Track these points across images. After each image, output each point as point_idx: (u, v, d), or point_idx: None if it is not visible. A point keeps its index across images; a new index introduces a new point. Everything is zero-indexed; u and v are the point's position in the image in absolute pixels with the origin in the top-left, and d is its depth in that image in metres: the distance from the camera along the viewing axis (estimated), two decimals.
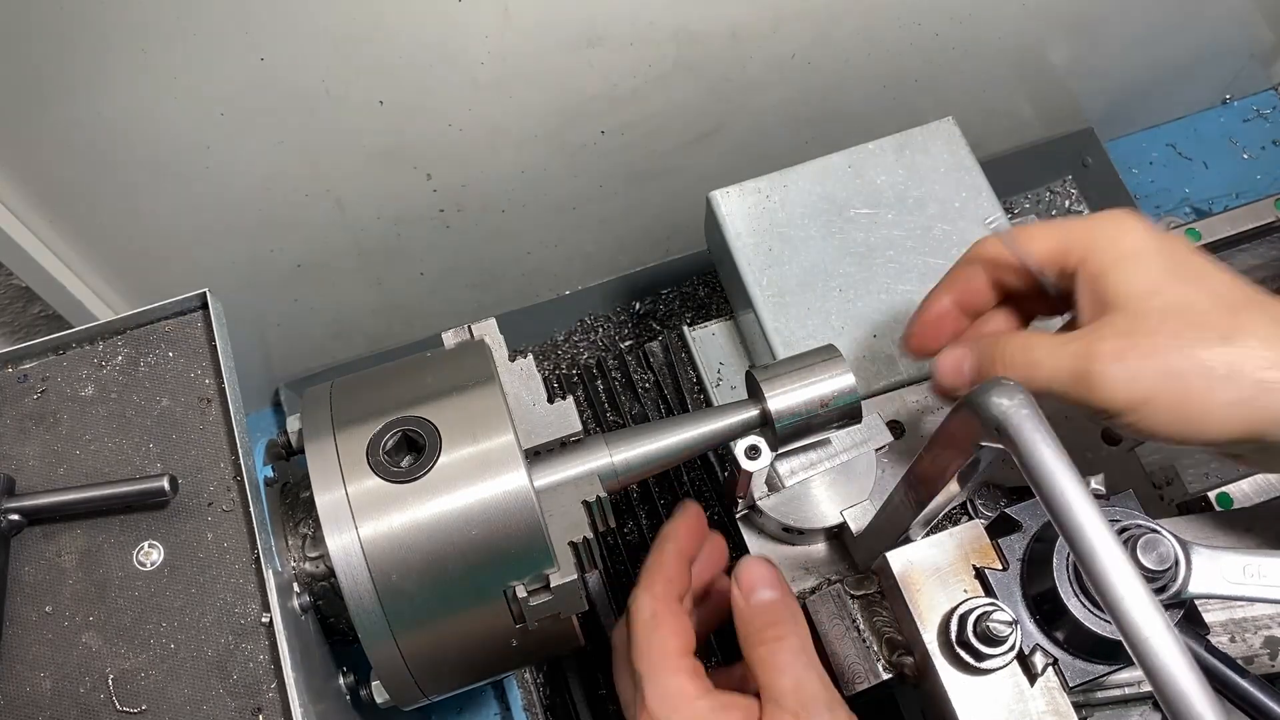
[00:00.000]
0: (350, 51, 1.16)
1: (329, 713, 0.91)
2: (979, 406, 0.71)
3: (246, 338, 1.39)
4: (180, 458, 0.93)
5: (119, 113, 1.13)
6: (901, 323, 1.17)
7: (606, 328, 1.71)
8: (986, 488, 1.05)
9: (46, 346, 0.98)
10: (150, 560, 0.89)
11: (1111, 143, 1.78)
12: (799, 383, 0.95)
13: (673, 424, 0.98)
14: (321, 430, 0.92)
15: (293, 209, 1.33)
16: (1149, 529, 0.82)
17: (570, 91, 1.31)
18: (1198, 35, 1.65)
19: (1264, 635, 0.95)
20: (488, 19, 1.17)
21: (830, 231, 1.22)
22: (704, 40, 1.30)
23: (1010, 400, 0.70)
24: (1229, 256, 1.51)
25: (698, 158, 1.49)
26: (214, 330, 0.98)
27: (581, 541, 0.91)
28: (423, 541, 0.87)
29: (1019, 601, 0.88)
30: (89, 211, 1.24)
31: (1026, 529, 0.91)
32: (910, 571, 0.91)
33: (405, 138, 1.29)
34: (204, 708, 0.85)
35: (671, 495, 1.41)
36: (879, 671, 0.94)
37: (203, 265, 1.36)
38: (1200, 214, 1.72)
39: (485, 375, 0.94)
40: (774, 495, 1.04)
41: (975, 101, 1.59)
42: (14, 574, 0.89)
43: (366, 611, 0.87)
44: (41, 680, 0.85)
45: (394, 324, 1.62)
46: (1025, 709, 0.85)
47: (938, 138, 1.27)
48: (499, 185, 1.42)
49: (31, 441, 0.94)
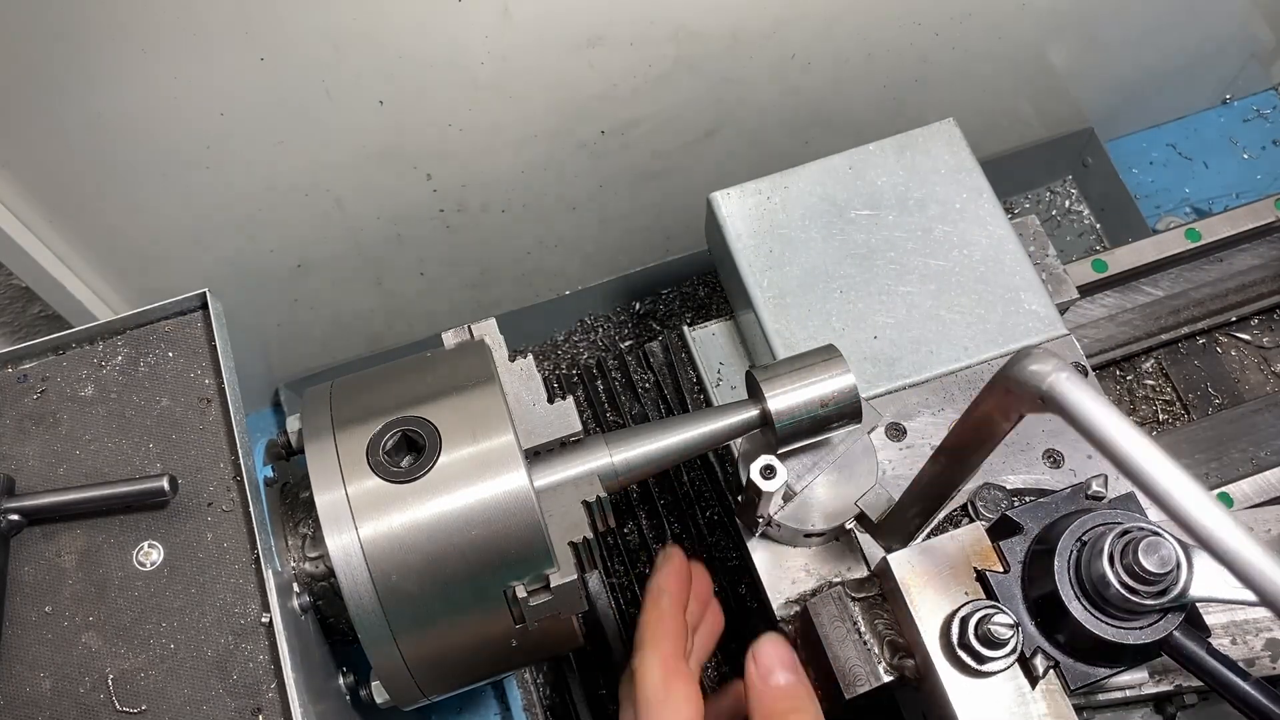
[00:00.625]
0: (350, 51, 1.15)
1: (329, 713, 0.91)
2: (1020, 382, 0.72)
3: (246, 338, 1.39)
4: (180, 458, 0.93)
5: (119, 113, 1.13)
6: (902, 323, 1.17)
7: (606, 328, 1.71)
8: (987, 489, 1.05)
9: (46, 346, 0.98)
10: (150, 560, 0.89)
11: (1111, 143, 1.78)
12: (799, 383, 0.95)
13: (673, 424, 0.98)
14: (321, 430, 0.92)
15: (293, 209, 1.33)
16: (1151, 531, 0.82)
17: (570, 91, 1.31)
18: (1198, 35, 1.65)
19: (1265, 638, 0.95)
20: (488, 19, 1.17)
21: (831, 233, 1.22)
22: (704, 40, 1.30)
23: (1048, 366, 0.71)
24: (1229, 256, 1.51)
25: (698, 158, 1.49)
26: (214, 330, 0.98)
27: (581, 541, 0.91)
28: (423, 542, 0.87)
29: (1020, 604, 0.88)
30: (89, 211, 1.24)
31: (1028, 532, 0.90)
32: (911, 574, 0.91)
33: (405, 138, 1.29)
34: (204, 708, 0.85)
35: (671, 495, 1.41)
36: (880, 674, 0.94)
37: (203, 265, 1.36)
38: (1200, 214, 1.72)
39: (485, 375, 0.94)
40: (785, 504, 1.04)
41: (976, 102, 1.59)
42: (14, 574, 0.89)
43: (366, 612, 0.87)
44: (41, 680, 0.85)
45: (394, 324, 1.62)
46: (1026, 712, 0.85)
47: (938, 139, 1.26)
48: (499, 185, 1.42)
49: (31, 441, 0.94)
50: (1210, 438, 1.40)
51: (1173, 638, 0.83)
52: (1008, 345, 1.15)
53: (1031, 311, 1.16)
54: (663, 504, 1.41)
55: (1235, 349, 1.57)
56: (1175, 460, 0.66)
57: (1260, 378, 1.55)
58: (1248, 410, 1.42)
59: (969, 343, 1.15)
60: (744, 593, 1.34)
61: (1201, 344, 1.56)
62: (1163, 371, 1.56)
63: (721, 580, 1.35)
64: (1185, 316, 1.52)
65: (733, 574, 1.36)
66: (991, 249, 1.20)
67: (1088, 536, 0.85)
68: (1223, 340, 1.56)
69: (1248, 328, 1.56)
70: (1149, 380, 1.56)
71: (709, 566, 1.35)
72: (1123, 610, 0.83)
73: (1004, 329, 1.16)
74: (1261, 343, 1.56)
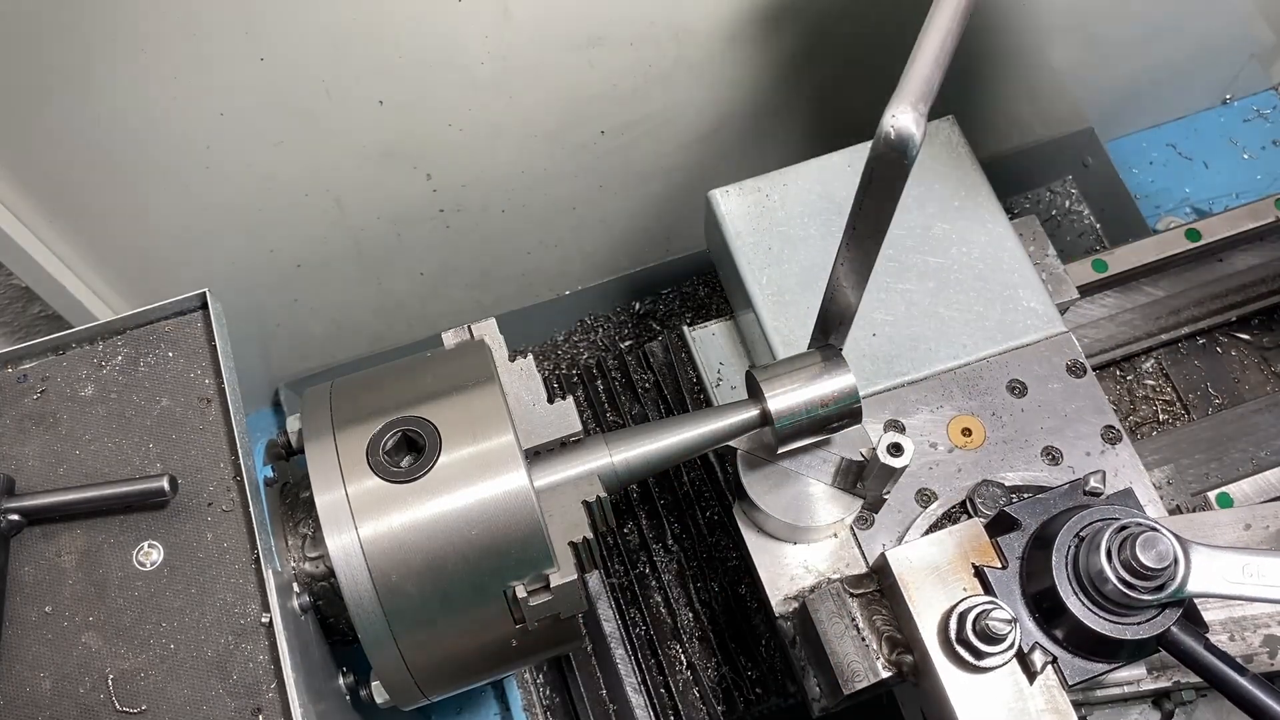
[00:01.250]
0: (350, 51, 1.16)
1: (329, 713, 0.91)
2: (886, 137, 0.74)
3: (246, 338, 1.39)
4: (180, 458, 0.93)
5: (119, 113, 1.13)
6: (901, 321, 1.17)
7: (606, 328, 1.71)
8: (986, 485, 1.05)
9: (46, 346, 0.98)
10: (150, 560, 0.89)
11: (1111, 143, 1.78)
12: (799, 383, 0.95)
13: (673, 424, 0.98)
14: (321, 430, 0.92)
15: (293, 209, 1.33)
16: (1149, 527, 0.82)
17: (570, 91, 1.31)
18: (1198, 35, 1.65)
19: (1263, 634, 0.95)
20: (488, 19, 1.17)
21: (830, 230, 1.22)
22: (704, 40, 1.30)
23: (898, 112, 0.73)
24: (1229, 256, 1.51)
25: (698, 158, 1.49)
26: (214, 330, 0.98)
27: (581, 541, 0.92)
28: (423, 542, 0.87)
29: (1018, 600, 0.88)
30: (89, 211, 1.24)
31: (1025, 527, 0.91)
32: (909, 570, 0.91)
33: (405, 138, 1.29)
34: (204, 708, 0.85)
35: (671, 495, 1.41)
36: (878, 670, 0.94)
37: (203, 265, 1.36)
38: (1200, 214, 1.72)
39: (485, 375, 0.94)
40: (775, 494, 1.04)
41: (975, 101, 1.59)
42: (14, 574, 0.89)
43: (366, 612, 0.87)
44: (41, 680, 0.85)
45: (394, 324, 1.62)
46: (1024, 707, 0.85)
47: (937, 137, 1.27)
48: (499, 185, 1.42)
49: (31, 441, 0.94)
50: (1210, 438, 1.40)
51: (1170, 633, 0.83)
52: (1006, 342, 1.15)
53: (1030, 309, 1.16)
54: (663, 504, 1.41)
55: (1235, 349, 1.57)
56: None
57: (1260, 378, 1.55)
58: (1248, 410, 1.42)
59: (967, 340, 1.16)
60: (744, 593, 1.35)
61: (1201, 344, 1.56)
62: (1163, 371, 1.56)
63: (721, 580, 1.35)
64: (1185, 316, 1.52)
65: (733, 574, 1.36)
66: (990, 246, 1.20)
67: (1085, 532, 0.86)
68: (1223, 340, 1.56)
69: (1248, 328, 1.56)
70: (1149, 380, 1.56)
71: (709, 566, 1.36)
72: (1120, 605, 0.83)
73: (1002, 326, 1.16)
74: (1261, 343, 1.56)
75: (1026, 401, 1.12)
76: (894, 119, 0.74)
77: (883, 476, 0.98)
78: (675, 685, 1.31)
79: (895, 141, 0.74)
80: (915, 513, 1.08)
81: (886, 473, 0.96)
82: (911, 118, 0.74)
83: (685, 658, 1.32)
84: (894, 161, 0.76)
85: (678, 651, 1.33)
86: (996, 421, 1.12)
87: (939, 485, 1.09)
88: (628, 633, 1.32)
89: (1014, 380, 1.13)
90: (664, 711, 1.29)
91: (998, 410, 1.12)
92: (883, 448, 0.95)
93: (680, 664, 1.32)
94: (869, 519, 1.07)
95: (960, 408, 1.13)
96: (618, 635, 1.31)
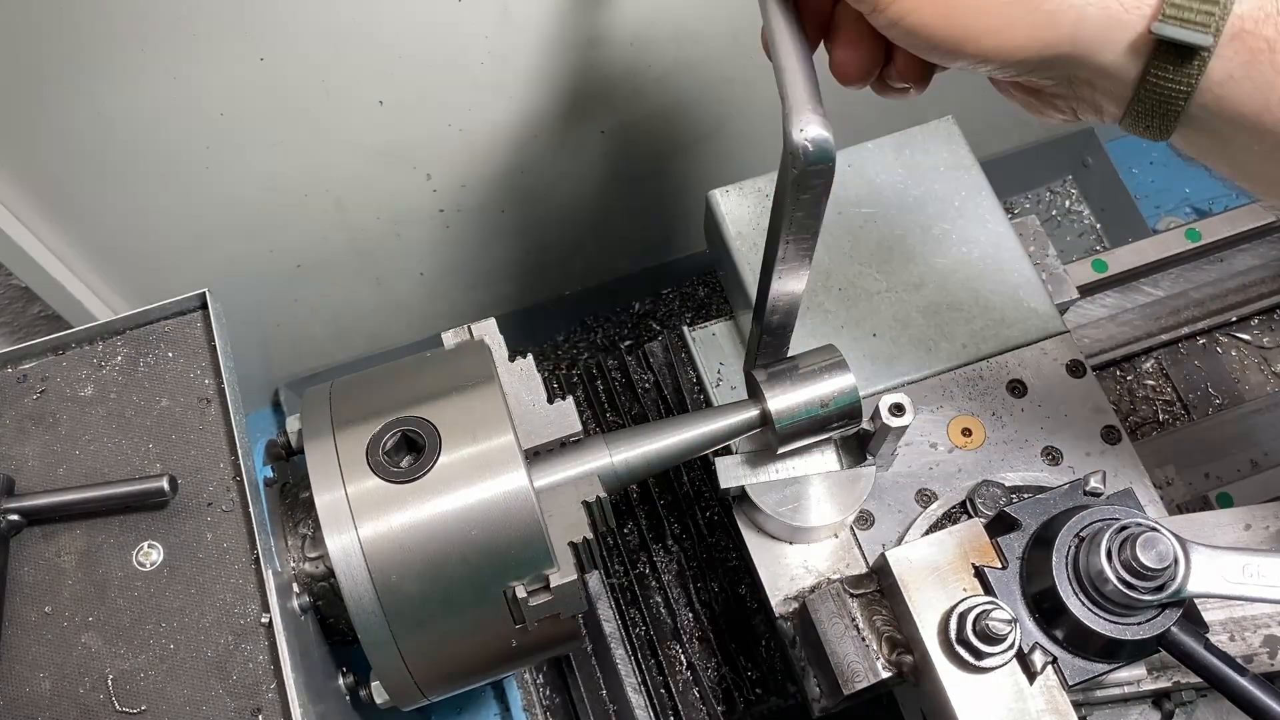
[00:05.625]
0: (350, 51, 1.16)
1: (329, 713, 0.91)
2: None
3: (246, 338, 1.39)
4: (180, 458, 0.93)
5: (119, 113, 1.13)
6: (901, 322, 1.17)
7: (606, 328, 1.71)
8: (985, 486, 1.05)
9: (46, 346, 0.98)
10: (150, 560, 0.89)
11: (1111, 143, 1.78)
12: (799, 383, 0.95)
13: (673, 424, 0.98)
14: (321, 430, 0.92)
15: (293, 209, 1.33)
16: (1148, 527, 0.82)
17: (570, 91, 1.31)
18: None
19: (1263, 634, 0.95)
20: (488, 19, 1.17)
21: (830, 230, 1.22)
22: (704, 40, 1.30)
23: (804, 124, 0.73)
24: (1229, 256, 1.51)
25: (698, 158, 1.49)
26: (213, 330, 0.98)
27: (581, 542, 0.91)
28: (422, 542, 0.87)
29: (1018, 600, 0.88)
30: (89, 211, 1.24)
31: (1026, 528, 0.91)
32: (909, 570, 0.91)
33: (405, 138, 1.29)
34: (204, 708, 0.85)
35: (671, 495, 1.41)
36: (878, 670, 0.94)
37: (203, 265, 1.37)
38: (1200, 214, 1.72)
39: (485, 375, 0.94)
40: (774, 494, 1.04)
41: (975, 101, 1.59)
42: (14, 574, 0.89)
43: (366, 612, 0.87)
44: (41, 680, 0.85)
45: (394, 324, 1.62)
46: (1024, 707, 0.85)
47: (937, 137, 1.27)
48: (499, 185, 1.42)
49: (31, 441, 0.94)
50: (1210, 438, 1.41)
51: (1170, 633, 0.83)
52: (1006, 343, 1.15)
53: (1030, 309, 1.16)
54: (663, 504, 1.41)
55: (1235, 349, 1.57)
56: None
57: (1260, 378, 1.55)
58: (1248, 410, 1.42)
59: (967, 340, 1.16)
60: (744, 593, 1.34)
61: (1201, 344, 1.56)
62: (1163, 371, 1.56)
63: (721, 580, 1.35)
64: (1185, 316, 1.52)
65: (733, 574, 1.36)
66: (990, 246, 1.20)
67: (1086, 532, 0.86)
68: (1223, 340, 1.56)
69: (1248, 328, 1.56)
70: (1149, 380, 1.56)
71: (709, 567, 1.36)
72: (1120, 606, 0.83)
73: (1002, 326, 1.16)
74: (1261, 343, 1.56)
75: (1026, 401, 1.12)
76: (803, 132, 0.73)
77: (890, 438, 1.00)
78: (675, 685, 1.31)
79: (815, 153, 0.74)
80: (915, 513, 1.08)
81: (892, 433, 0.98)
82: (819, 123, 0.74)
83: (685, 658, 1.32)
84: (820, 171, 0.76)
85: (678, 652, 1.33)
86: (996, 422, 1.12)
87: (939, 485, 1.09)
88: (628, 633, 1.32)
89: (1014, 380, 1.14)
90: (664, 711, 1.29)
91: (998, 410, 1.12)
92: (885, 409, 0.96)
93: (680, 664, 1.32)
94: (869, 519, 1.07)
95: (960, 408, 1.13)
96: (618, 635, 1.31)
